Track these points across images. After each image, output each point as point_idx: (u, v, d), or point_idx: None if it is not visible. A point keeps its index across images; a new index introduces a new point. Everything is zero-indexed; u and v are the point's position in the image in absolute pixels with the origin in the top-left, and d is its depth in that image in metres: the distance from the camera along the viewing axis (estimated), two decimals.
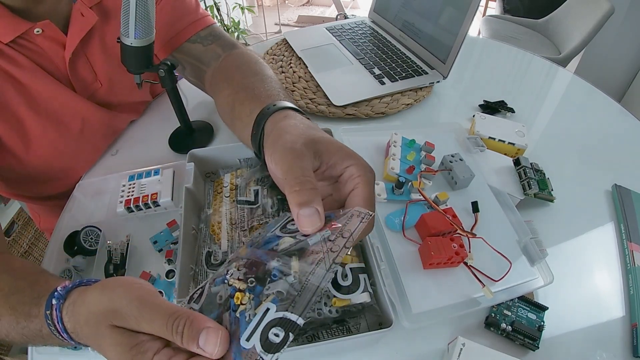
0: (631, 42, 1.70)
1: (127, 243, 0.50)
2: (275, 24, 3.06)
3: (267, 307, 0.26)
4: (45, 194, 0.67)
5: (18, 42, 0.51)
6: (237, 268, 0.30)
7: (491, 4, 2.62)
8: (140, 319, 0.26)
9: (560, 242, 0.50)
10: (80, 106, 0.59)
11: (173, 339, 0.26)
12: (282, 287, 0.27)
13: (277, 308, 0.26)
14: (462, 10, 0.65)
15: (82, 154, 0.63)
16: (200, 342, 0.26)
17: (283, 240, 0.31)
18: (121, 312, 0.27)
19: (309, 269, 0.28)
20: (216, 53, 0.61)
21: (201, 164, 0.52)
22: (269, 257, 0.30)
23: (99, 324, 0.27)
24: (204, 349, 0.26)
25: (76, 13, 0.55)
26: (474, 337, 0.39)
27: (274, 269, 0.28)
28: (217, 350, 0.26)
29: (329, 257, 0.28)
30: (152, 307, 0.27)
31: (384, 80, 0.72)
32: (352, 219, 0.30)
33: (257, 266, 0.30)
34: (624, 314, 0.44)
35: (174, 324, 0.26)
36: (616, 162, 0.60)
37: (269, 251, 0.31)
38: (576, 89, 0.76)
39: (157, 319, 0.26)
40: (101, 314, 0.27)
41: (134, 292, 0.28)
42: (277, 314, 0.26)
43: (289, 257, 0.29)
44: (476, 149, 0.53)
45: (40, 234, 1.34)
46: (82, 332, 0.29)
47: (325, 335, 0.39)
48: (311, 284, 0.27)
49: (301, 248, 0.30)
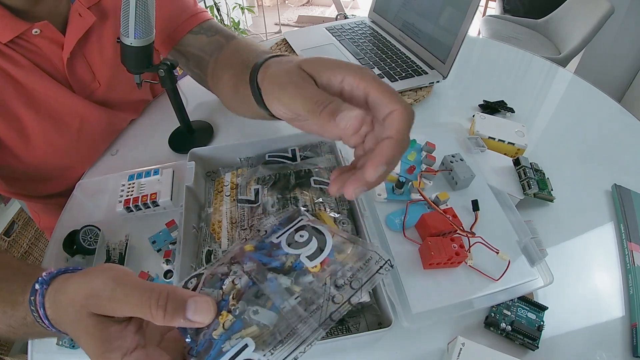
0: (631, 42, 1.70)
1: (125, 243, 0.50)
2: (275, 24, 3.06)
3: (245, 342, 0.25)
4: (45, 193, 0.67)
5: (17, 42, 0.51)
6: (233, 282, 0.29)
7: (491, 4, 2.62)
8: (113, 299, 0.25)
9: (560, 242, 0.50)
10: (78, 105, 0.59)
11: (152, 316, 0.25)
12: (268, 319, 0.26)
13: (255, 347, 0.24)
14: (462, 10, 0.65)
15: (81, 153, 0.63)
16: (189, 313, 0.25)
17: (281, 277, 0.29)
18: (96, 293, 0.26)
19: (302, 314, 0.26)
20: (219, 43, 0.61)
21: (202, 163, 0.52)
22: (268, 273, 0.28)
23: (78, 311, 0.26)
24: (194, 319, 0.25)
25: (74, 13, 0.55)
26: (474, 337, 0.39)
27: (269, 290, 0.27)
28: (210, 317, 0.25)
29: (327, 308, 0.26)
30: (126, 284, 0.26)
31: (384, 80, 0.72)
32: (369, 264, 0.28)
33: (256, 278, 0.28)
34: (624, 314, 0.44)
35: (153, 297, 0.25)
36: (616, 162, 0.60)
37: (267, 265, 0.29)
38: (576, 89, 0.76)
39: (133, 295, 0.25)
40: (80, 301, 0.26)
41: (109, 272, 0.27)
42: (253, 354, 0.24)
43: (288, 281, 0.27)
44: (477, 149, 0.53)
45: (41, 234, 1.34)
46: (62, 319, 0.28)
47: (325, 335, 0.39)
48: (299, 334, 0.25)
49: (302, 271, 0.28)
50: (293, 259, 0.29)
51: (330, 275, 0.28)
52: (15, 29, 0.50)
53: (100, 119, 0.62)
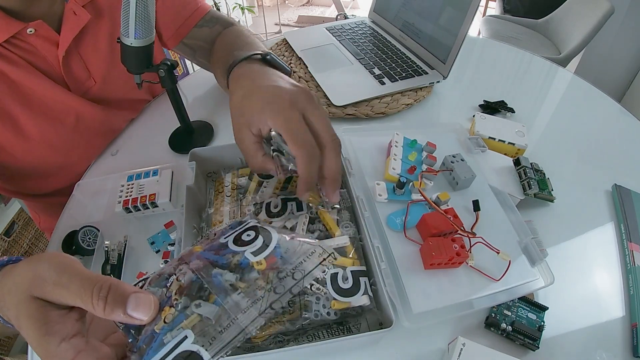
0: (631, 42, 1.70)
1: (124, 243, 0.50)
2: (275, 24, 3.06)
3: (185, 334, 0.25)
4: (43, 191, 0.68)
5: (12, 42, 0.52)
6: (177, 278, 0.29)
7: (491, 4, 2.62)
8: (57, 284, 0.26)
9: (560, 242, 0.50)
10: (73, 103, 0.59)
11: (93, 307, 0.25)
12: (210, 312, 0.26)
13: (194, 339, 0.25)
14: (462, 11, 0.65)
15: (78, 150, 0.64)
16: (130, 308, 0.25)
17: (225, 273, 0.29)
18: (41, 276, 0.26)
19: (243, 304, 0.26)
20: (219, 32, 0.68)
21: (202, 164, 0.52)
22: (213, 270, 0.29)
23: (20, 293, 0.26)
24: (133, 315, 0.25)
25: (69, 12, 0.55)
26: (474, 337, 0.39)
27: (212, 285, 0.27)
28: (150, 315, 0.25)
29: (267, 298, 0.26)
30: (71, 271, 0.26)
31: (384, 80, 0.72)
32: (312, 256, 0.29)
33: (200, 274, 0.29)
34: (624, 314, 0.44)
35: (95, 288, 0.25)
36: (616, 162, 0.60)
37: (215, 263, 0.30)
38: (576, 89, 0.76)
39: (75, 282, 0.25)
40: (24, 284, 0.26)
41: (56, 259, 0.27)
42: (192, 346, 0.25)
43: (233, 277, 0.28)
44: (477, 149, 0.53)
45: (41, 234, 1.34)
46: (5, 302, 0.28)
47: (325, 335, 0.39)
48: (238, 323, 0.25)
49: (248, 268, 0.28)
50: (239, 256, 0.30)
51: (274, 270, 0.29)
52: (9, 29, 0.51)
53: (96, 117, 0.63)
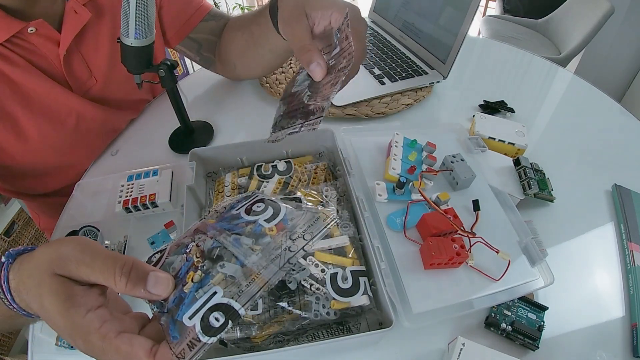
0: (631, 42, 1.70)
1: (124, 243, 0.50)
2: None
3: (215, 290, 0.27)
4: (43, 191, 0.68)
5: (12, 42, 0.52)
6: (197, 244, 0.31)
7: (491, 4, 2.62)
8: (80, 262, 0.27)
9: (560, 242, 0.50)
10: (74, 102, 0.59)
11: (115, 283, 0.26)
12: (234, 271, 0.28)
13: (223, 293, 0.27)
14: (462, 10, 0.65)
15: (78, 150, 0.64)
16: (149, 284, 0.27)
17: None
18: (64, 255, 0.27)
19: (263, 262, 0.29)
20: (225, 22, 0.71)
21: (202, 164, 0.52)
22: (230, 236, 0.31)
23: (42, 273, 0.27)
24: (152, 291, 0.27)
25: (69, 11, 0.55)
26: (474, 337, 0.39)
27: (232, 248, 0.29)
28: (167, 291, 0.27)
29: (284, 255, 0.29)
30: (94, 251, 0.27)
31: (384, 81, 0.72)
32: (317, 222, 0.31)
33: (219, 240, 0.31)
34: (624, 314, 0.44)
35: (118, 265, 0.27)
36: (616, 162, 0.60)
37: (231, 231, 0.32)
38: (576, 89, 0.76)
39: (99, 260, 0.27)
40: (45, 263, 0.27)
41: (77, 240, 0.28)
42: (222, 299, 0.27)
43: (250, 241, 0.30)
44: (477, 149, 0.53)
45: (41, 234, 1.34)
46: (26, 285, 0.28)
47: (325, 334, 0.39)
48: (261, 278, 0.27)
49: (261, 234, 0.31)
50: (253, 224, 0.32)
51: (285, 233, 0.31)
52: (10, 28, 0.51)
53: (97, 117, 0.63)
